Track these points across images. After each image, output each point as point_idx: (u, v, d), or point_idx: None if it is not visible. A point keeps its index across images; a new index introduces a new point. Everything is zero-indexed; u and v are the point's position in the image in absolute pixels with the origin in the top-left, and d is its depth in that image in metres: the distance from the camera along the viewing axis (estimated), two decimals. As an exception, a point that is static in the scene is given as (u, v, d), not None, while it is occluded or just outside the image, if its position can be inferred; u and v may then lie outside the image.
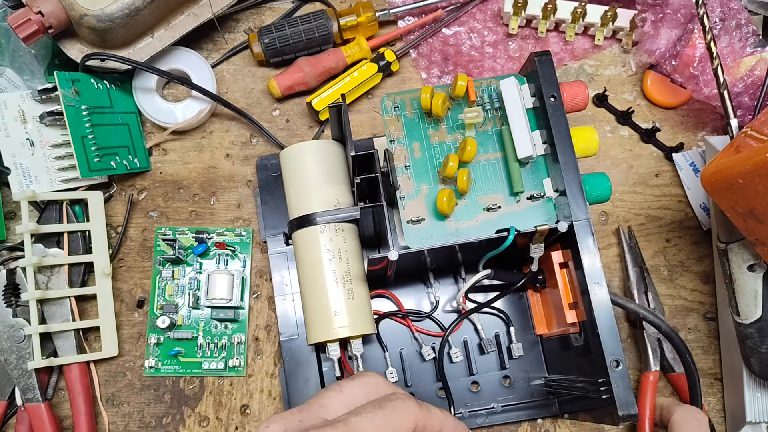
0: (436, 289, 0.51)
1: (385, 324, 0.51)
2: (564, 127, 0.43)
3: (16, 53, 0.53)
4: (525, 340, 0.51)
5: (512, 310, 0.52)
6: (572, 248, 0.42)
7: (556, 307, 0.46)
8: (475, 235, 0.44)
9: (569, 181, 0.42)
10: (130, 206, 0.55)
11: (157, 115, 0.55)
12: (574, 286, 0.43)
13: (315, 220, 0.44)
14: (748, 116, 0.52)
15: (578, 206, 0.42)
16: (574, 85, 0.45)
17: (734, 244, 0.45)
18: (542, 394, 0.51)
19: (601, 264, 0.41)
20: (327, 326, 0.43)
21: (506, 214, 0.44)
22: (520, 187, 0.44)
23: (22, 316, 0.50)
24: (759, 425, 0.50)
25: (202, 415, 0.52)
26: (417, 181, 0.45)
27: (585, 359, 0.43)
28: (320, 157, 0.46)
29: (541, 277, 0.48)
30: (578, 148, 0.44)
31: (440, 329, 0.51)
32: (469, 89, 0.45)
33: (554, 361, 0.50)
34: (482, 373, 0.51)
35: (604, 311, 0.40)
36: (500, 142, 0.45)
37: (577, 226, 0.41)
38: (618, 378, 0.39)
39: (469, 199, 0.45)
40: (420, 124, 0.46)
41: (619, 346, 0.39)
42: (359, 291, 0.44)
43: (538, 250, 0.45)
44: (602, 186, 0.44)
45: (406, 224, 0.44)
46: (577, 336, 0.44)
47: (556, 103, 0.43)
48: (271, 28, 0.55)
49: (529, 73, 0.45)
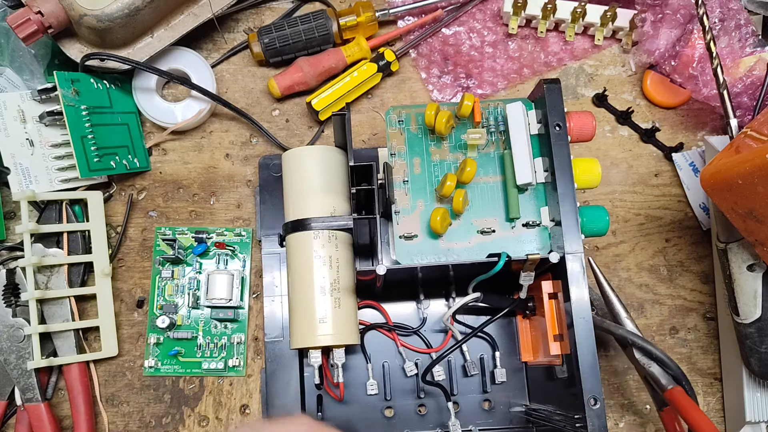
0: (425, 305, 0.51)
1: (371, 335, 0.51)
2: (566, 158, 0.42)
3: (15, 53, 0.53)
4: (510, 365, 0.51)
5: (500, 334, 0.51)
6: (562, 280, 0.41)
7: (544, 336, 0.45)
8: (466, 257, 0.43)
9: (565, 213, 0.41)
10: (130, 206, 0.55)
11: (157, 115, 0.55)
12: (561, 317, 0.42)
13: (309, 225, 0.44)
14: (747, 116, 0.52)
15: (572, 239, 0.41)
16: (581, 115, 0.44)
17: (734, 244, 0.45)
18: (522, 421, 0.50)
19: (588, 298, 0.40)
20: (311, 332, 0.43)
21: (500, 239, 0.44)
22: (516, 213, 0.44)
23: (21, 316, 0.50)
24: (758, 425, 0.50)
25: (202, 414, 0.52)
26: (414, 197, 0.44)
27: (567, 392, 0.42)
28: (322, 163, 0.46)
29: (531, 304, 0.47)
30: (580, 179, 0.43)
31: (426, 346, 0.50)
32: (475, 110, 0.44)
33: (537, 390, 0.50)
34: (463, 395, 0.51)
35: (588, 347, 0.39)
36: (501, 166, 0.45)
37: (568, 258, 0.40)
38: (594, 416, 0.38)
39: (464, 220, 0.44)
40: (423, 140, 0.45)
41: (598, 383, 0.38)
42: (346, 301, 0.44)
43: (528, 278, 0.44)
44: (600, 220, 0.43)
45: (398, 239, 0.44)
46: (562, 368, 0.43)
47: (560, 133, 0.42)
48: (270, 28, 0.55)
49: (537, 99, 0.44)
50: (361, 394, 0.50)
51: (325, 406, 0.50)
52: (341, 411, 0.50)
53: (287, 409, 0.48)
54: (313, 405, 0.50)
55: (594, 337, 0.40)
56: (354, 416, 0.50)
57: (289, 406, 0.48)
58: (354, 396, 0.50)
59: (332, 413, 0.50)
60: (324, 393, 0.50)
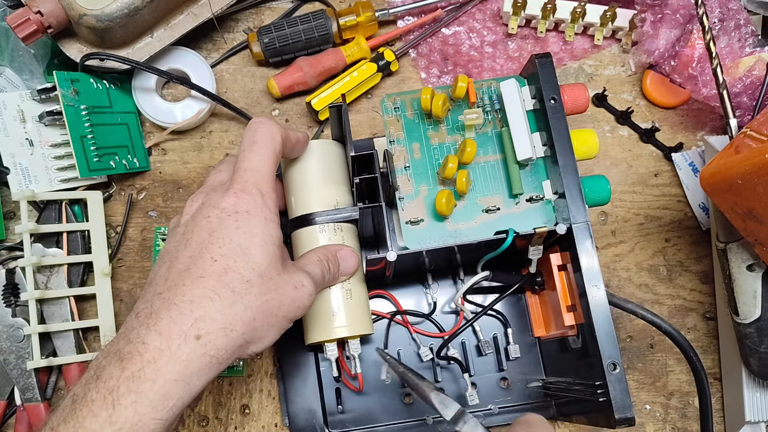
0: (434, 290, 0.51)
1: (384, 324, 0.51)
2: (564, 130, 0.42)
3: (15, 53, 0.53)
4: (523, 342, 0.51)
5: (510, 312, 0.52)
6: (571, 251, 0.42)
7: (555, 309, 0.46)
8: (473, 237, 0.43)
9: (568, 184, 0.42)
10: (130, 206, 0.55)
11: (157, 114, 0.55)
12: (572, 288, 0.43)
13: (314, 219, 0.44)
14: (747, 116, 0.52)
15: (577, 209, 0.42)
16: (574, 87, 0.45)
17: (733, 244, 0.46)
18: (539, 396, 0.51)
19: (599, 266, 0.41)
20: (325, 326, 0.43)
21: (505, 216, 0.44)
22: (519, 189, 0.44)
23: (21, 316, 0.50)
24: (758, 425, 0.50)
25: (202, 414, 0.52)
26: (416, 182, 0.45)
27: (583, 362, 0.43)
28: (320, 156, 0.46)
29: (539, 279, 0.48)
30: (578, 151, 0.44)
31: (438, 330, 0.51)
32: (470, 91, 0.45)
33: (552, 364, 0.50)
34: (480, 375, 0.51)
35: (602, 314, 0.40)
36: (500, 144, 0.45)
37: (575, 228, 0.41)
38: (615, 381, 0.39)
39: (468, 201, 0.45)
40: (420, 125, 0.46)
41: (616, 349, 0.39)
42: (357, 291, 0.44)
43: (536, 252, 0.45)
44: (602, 189, 0.44)
45: (404, 225, 0.44)
46: (575, 338, 0.44)
47: (556, 106, 0.43)
48: (270, 27, 0.55)
49: (530, 75, 0.45)
50: (379, 383, 0.50)
51: (344, 398, 0.50)
52: (361, 402, 0.50)
53: (307, 405, 0.49)
54: (332, 398, 0.50)
55: (608, 304, 0.40)
56: (374, 405, 0.50)
57: (308, 403, 0.49)
58: (372, 386, 0.50)
59: (352, 405, 0.50)
60: (342, 385, 0.50)
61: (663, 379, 0.54)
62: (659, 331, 0.45)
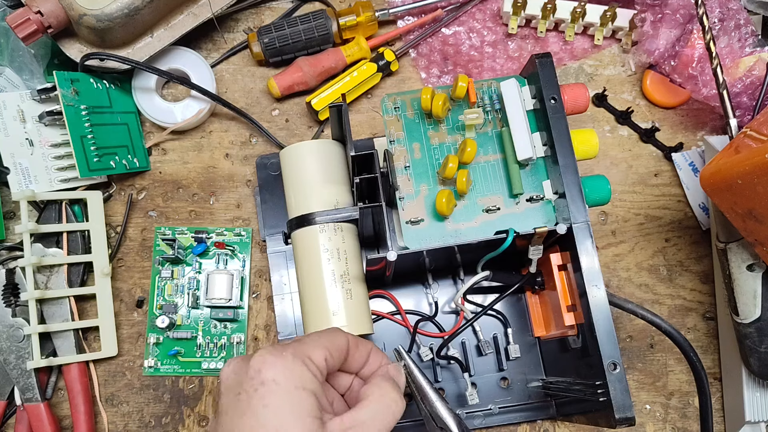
0: (434, 290, 0.51)
1: (384, 324, 0.51)
2: (564, 130, 0.43)
3: (15, 53, 0.53)
4: (523, 341, 0.51)
5: (510, 312, 0.52)
6: (571, 251, 0.42)
7: (555, 309, 0.46)
8: (473, 237, 0.44)
9: (569, 184, 0.42)
10: (130, 206, 0.55)
11: (157, 114, 0.55)
12: (572, 288, 0.43)
13: (314, 219, 0.44)
14: (747, 116, 0.52)
15: (577, 209, 0.42)
16: (574, 87, 0.45)
17: (733, 244, 0.46)
18: (540, 396, 0.51)
19: (599, 266, 0.41)
20: (325, 326, 0.43)
21: (505, 216, 0.44)
22: (519, 189, 0.44)
23: (21, 316, 0.50)
24: (758, 425, 0.50)
25: (202, 414, 0.52)
26: (416, 182, 0.45)
27: (583, 361, 0.43)
28: (320, 156, 0.46)
29: (539, 279, 0.48)
30: (578, 151, 0.44)
31: (439, 330, 0.51)
32: (470, 90, 0.45)
33: (552, 363, 0.50)
34: (480, 375, 0.51)
35: (602, 314, 0.40)
36: (500, 144, 0.45)
37: (576, 228, 0.41)
38: (615, 381, 0.39)
39: (469, 201, 0.45)
40: (420, 125, 0.46)
41: (616, 349, 0.39)
42: (357, 291, 0.44)
43: (537, 252, 0.45)
44: (602, 189, 0.44)
45: (405, 225, 0.44)
46: (575, 338, 0.44)
47: (557, 105, 0.43)
48: (270, 27, 0.55)
49: (530, 75, 0.45)
50: None
51: None
52: None
53: None
54: None
55: (608, 303, 0.40)
56: None
57: None
58: None
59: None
60: None
61: (663, 379, 0.54)
62: (659, 331, 0.45)
